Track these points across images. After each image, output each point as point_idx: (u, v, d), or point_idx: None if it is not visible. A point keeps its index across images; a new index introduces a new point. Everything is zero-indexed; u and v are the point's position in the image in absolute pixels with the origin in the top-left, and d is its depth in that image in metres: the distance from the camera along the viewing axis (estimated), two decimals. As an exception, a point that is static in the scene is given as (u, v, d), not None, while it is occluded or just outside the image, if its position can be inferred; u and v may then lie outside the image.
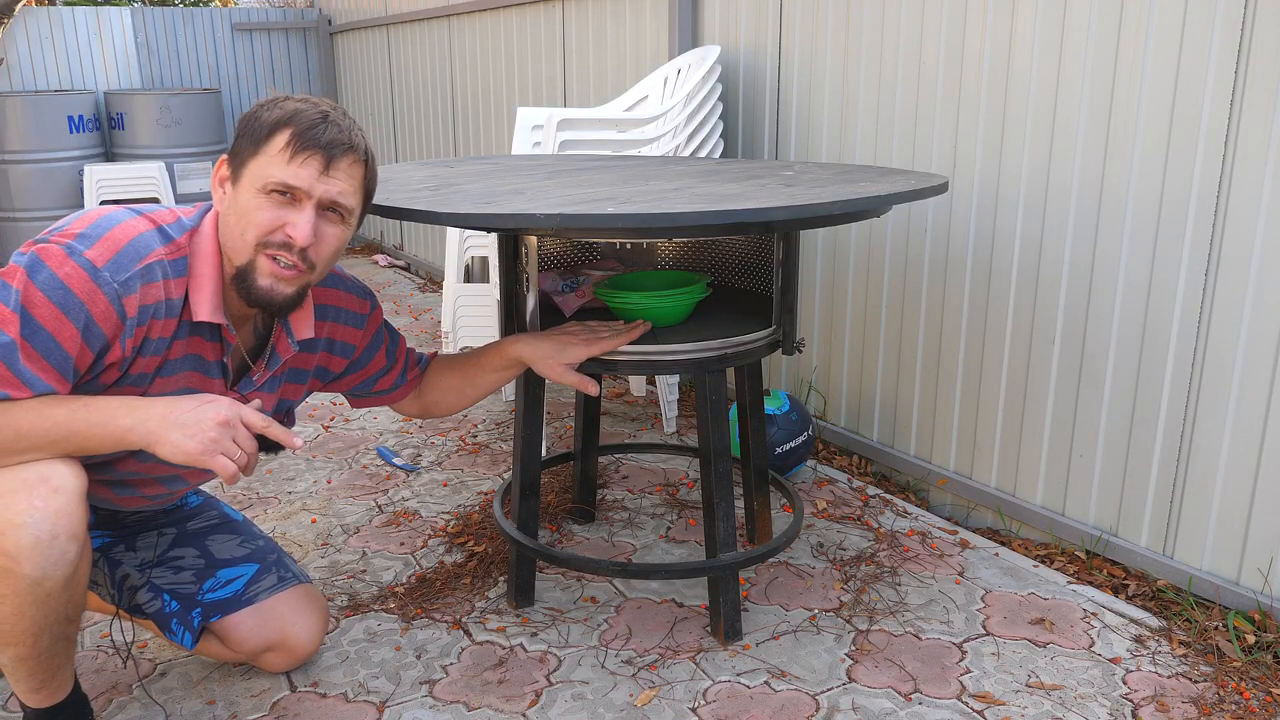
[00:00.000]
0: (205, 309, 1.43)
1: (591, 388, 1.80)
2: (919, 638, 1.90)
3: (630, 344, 1.76)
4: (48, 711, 1.50)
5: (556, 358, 1.75)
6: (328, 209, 1.42)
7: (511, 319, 1.87)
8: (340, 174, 1.41)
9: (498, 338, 1.98)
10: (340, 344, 1.71)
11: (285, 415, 1.72)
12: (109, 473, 1.53)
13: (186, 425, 1.32)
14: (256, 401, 1.41)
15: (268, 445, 1.44)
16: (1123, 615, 1.97)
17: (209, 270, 1.43)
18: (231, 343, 1.50)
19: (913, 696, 1.72)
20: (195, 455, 1.32)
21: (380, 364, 1.79)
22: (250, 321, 1.55)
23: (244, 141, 1.40)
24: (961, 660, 1.83)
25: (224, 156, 1.44)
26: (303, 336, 1.60)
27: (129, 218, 1.39)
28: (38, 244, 1.33)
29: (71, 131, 5.29)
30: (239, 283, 1.43)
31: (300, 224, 1.39)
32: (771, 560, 2.20)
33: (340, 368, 1.74)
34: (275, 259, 1.40)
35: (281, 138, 1.38)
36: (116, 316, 1.33)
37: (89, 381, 1.38)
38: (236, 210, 1.40)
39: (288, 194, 1.39)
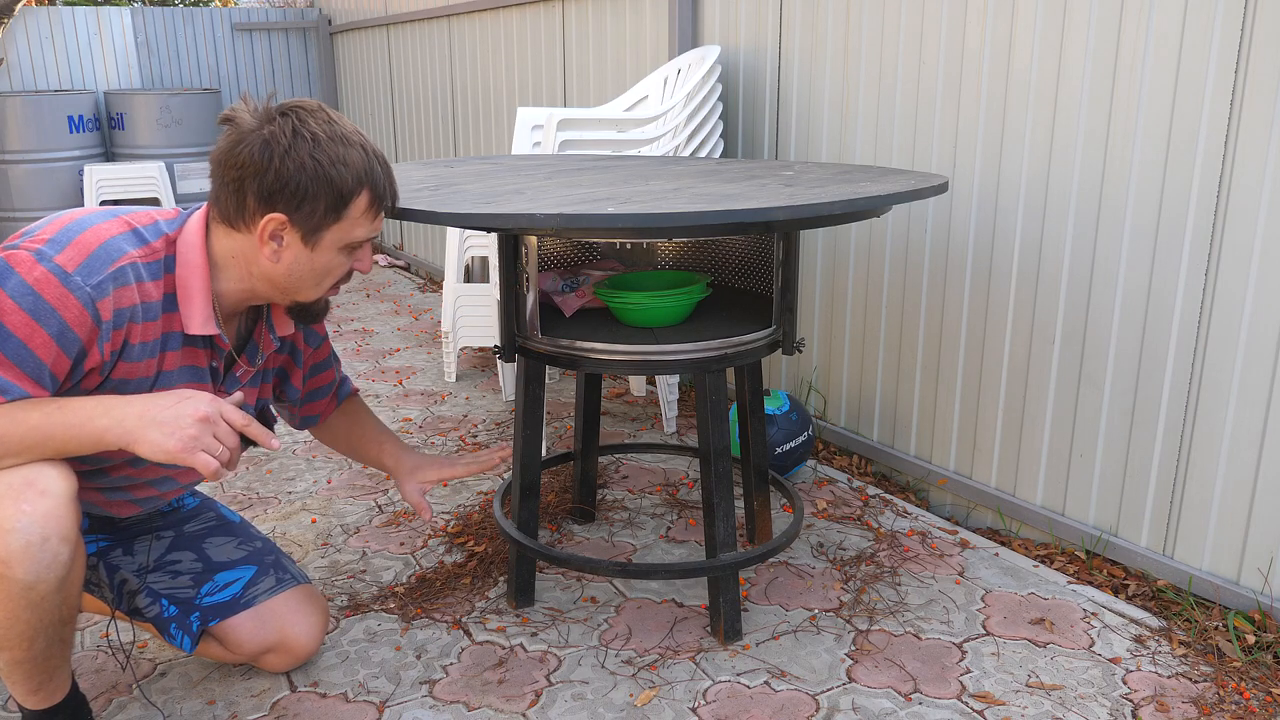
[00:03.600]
0: (198, 323, 1.43)
1: (425, 513, 1.82)
2: (919, 638, 1.90)
3: (630, 344, 1.77)
4: (46, 713, 1.50)
5: (412, 474, 1.84)
6: None
7: (511, 319, 1.87)
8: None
9: (497, 339, 1.99)
10: (297, 350, 1.74)
11: (264, 412, 1.72)
12: (102, 479, 1.53)
13: (165, 423, 1.30)
14: (238, 395, 1.40)
15: (244, 441, 1.44)
16: (1123, 615, 1.97)
17: (198, 283, 1.42)
18: (225, 349, 1.52)
19: (913, 696, 1.72)
20: (175, 453, 1.30)
21: (321, 382, 1.82)
22: (235, 320, 1.56)
23: (318, 205, 1.38)
24: (961, 660, 1.83)
25: (282, 215, 1.38)
26: (284, 333, 1.63)
27: (101, 221, 1.38)
28: (6, 250, 1.31)
29: (71, 131, 5.29)
30: (297, 312, 1.53)
31: (366, 258, 1.51)
32: (771, 560, 2.20)
33: (299, 380, 1.77)
34: (335, 288, 1.52)
35: (362, 201, 1.43)
36: (91, 321, 1.31)
37: (72, 389, 1.37)
38: (314, 268, 1.46)
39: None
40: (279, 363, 1.72)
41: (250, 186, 1.37)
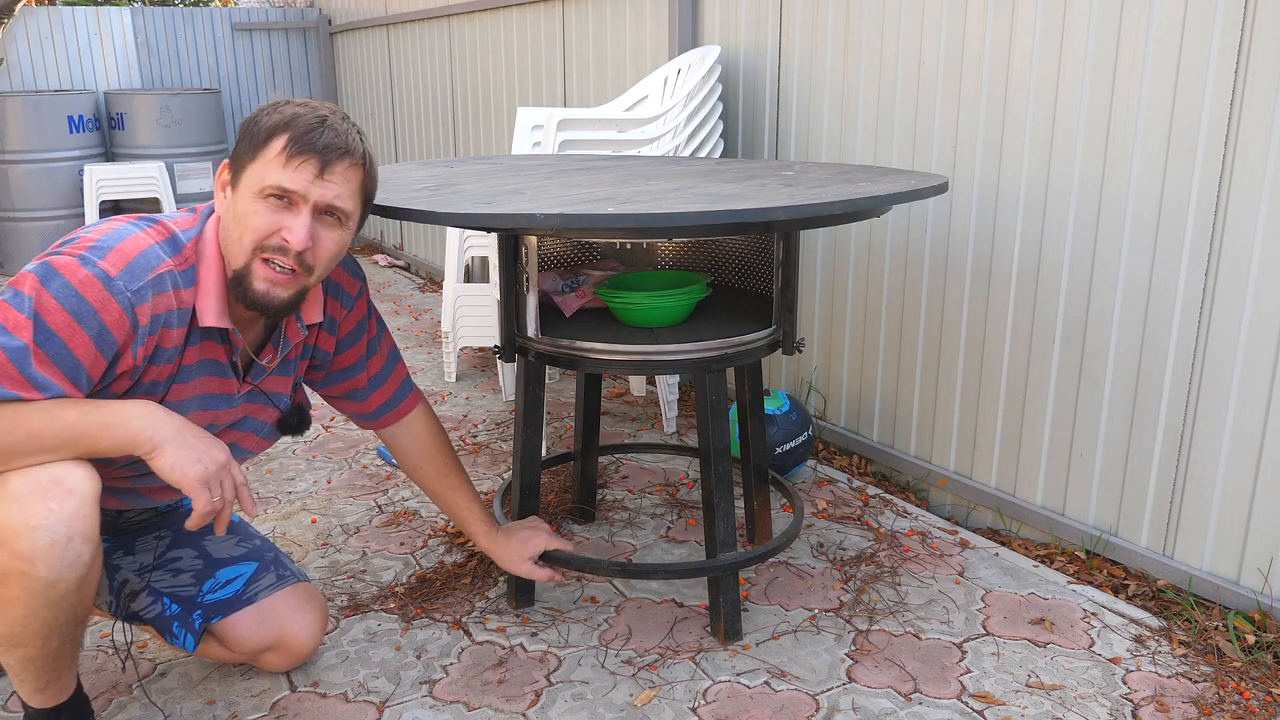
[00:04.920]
0: (211, 314, 1.44)
1: (556, 576, 1.89)
2: (919, 638, 1.90)
3: (630, 344, 1.77)
4: (51, 712, 1.50)
5: (520, 554, 1.87)
6: (324, 213, 1.43)
7: (511, 319, 1.87)
8: (336, 178, 1.41)
9: (497, 339, 1.98)
10: (329, 318, 1.70)
11: (299, 409, 1.71)
12: (136, 482, 1.55)
13: (195, 449, 1.36)
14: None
15: None
16: (1123, 615, 1.97)
17: (214, 275, 1.45)
18: (239, 346, 1.53)
19: (913, 696, 1.72)
20: (191, 478, 1.35)
21: (359, 354, 1.76)
22: (259, 320, 1.57)
23: (243, 146, 1.42)
24: (961, 660, 1.83)
25: (225, 161, 1.45)
26: (312, 321, 1.61)
27: (137, 231, 1.41)
28: (49, 256, 1.34)
29: (71, 131, 5.29)
30: (236, 286, 1.44)
31: (297, 228, 1.39)
32: (771, 560, 2.20)
33: (330, 345, 1.72)
34: (270, 263, 1.41)
35: (278, 142, 1.39)
36: (129, 324, 1.34)
37: (101, 390, 1.39)
38: (235, 215, 1.41)
39: (284, 198, 1.39)
40: (310, 340, 1.69)
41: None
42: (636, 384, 3.37)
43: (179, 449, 1.35)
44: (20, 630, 1.36)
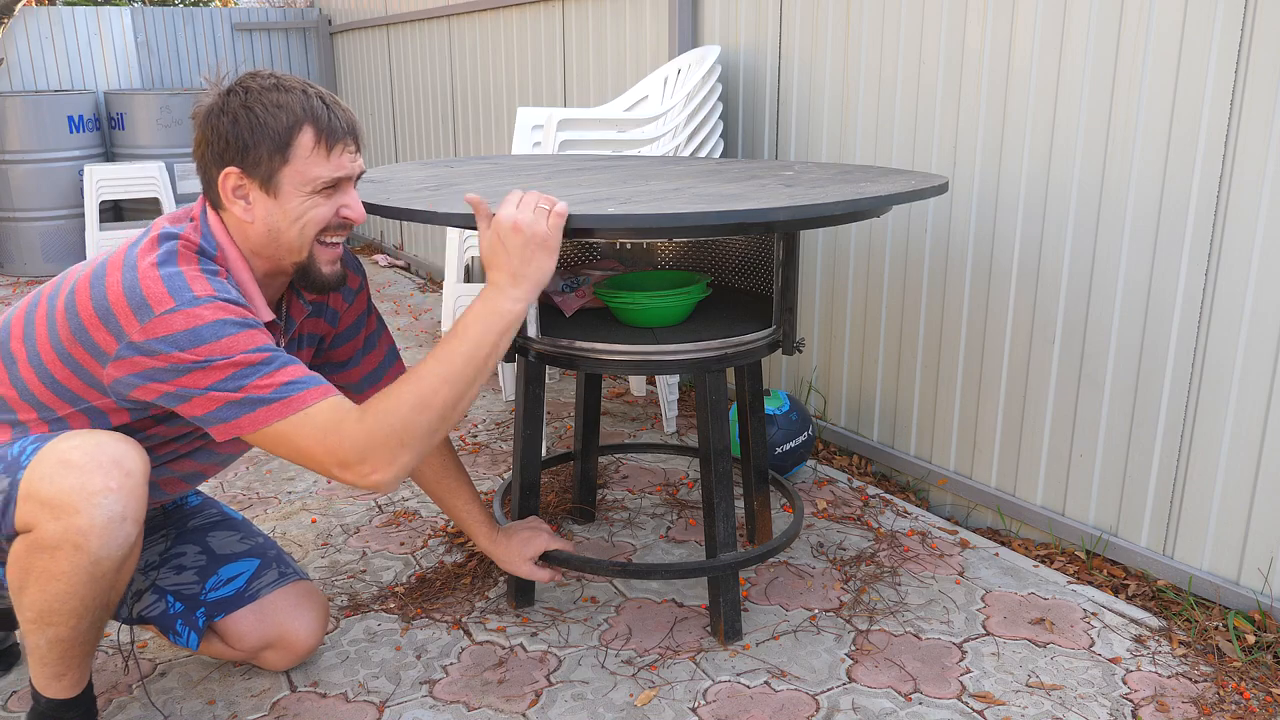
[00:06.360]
0: (264, 311, 1.48)
1: (557, 577, 1.89)
2: (919, 638, 1.90)
3: (630, 344, 1.77)
4: (64, 704, 1.50)
5: (522, 555, 1.86)
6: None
7: (511, 319, 1.86)
8: (359, 147, 1.50)
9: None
10: (330, 310, 1.73)
11: None
12: (158, 473, 1.57)
13: (522, 255, 1.43)
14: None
15: None
16: (1123, 615, 1.97)
17: (246, 275, 1.48)
18: (278, 334, 1.56)
19: (913, 696, 1.72)
20: (551, 244, 1.45)
21: (355, 349, 1.79)
22: (275, 303, 1.61)
23: (261, 151, 1.41)
24: (961, 660, 1.83)
25: (233, 169, 1.42)
26: (313, 297, 1.64)
27: (176, 263, 1.39)
28: (157, 321, 1.32)
29: (71, 131, 5.29)
30: (302, 277, 1.50)
31: (354, 204, 1.49)
32: (771, 560, 2.20)
33: (329, 337, 1.76)
34: (326, 243, 1.49)
35: (307, 138, 1.41)
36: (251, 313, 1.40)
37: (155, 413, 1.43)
38: (286, 216, 1.44)
39: (335, 186, 1.46)
40: (317, 329, 1.72)
41: (208, 159, 1.44)
42: (636, 384, 3.36)
43: (526, 282, 1.44)
44: (59, 606, 1.37)
